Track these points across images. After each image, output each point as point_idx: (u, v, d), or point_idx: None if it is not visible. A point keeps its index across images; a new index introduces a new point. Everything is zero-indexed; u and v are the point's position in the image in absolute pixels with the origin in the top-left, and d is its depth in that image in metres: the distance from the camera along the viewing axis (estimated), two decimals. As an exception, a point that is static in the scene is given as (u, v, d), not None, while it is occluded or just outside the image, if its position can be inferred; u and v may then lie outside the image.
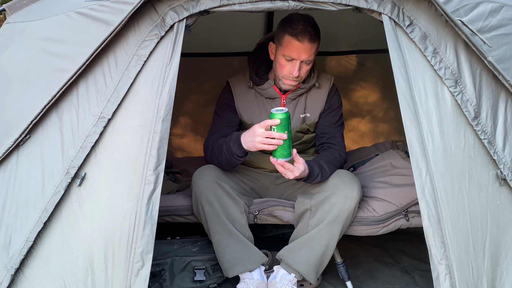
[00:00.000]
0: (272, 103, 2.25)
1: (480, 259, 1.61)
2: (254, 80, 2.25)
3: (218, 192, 2.06)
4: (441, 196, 1.58)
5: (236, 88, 2.30)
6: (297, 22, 2.06)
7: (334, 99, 2.31)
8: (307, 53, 2.06)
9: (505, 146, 1.66)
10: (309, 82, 2.23)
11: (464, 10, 1.66)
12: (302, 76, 2.15)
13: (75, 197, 1.63)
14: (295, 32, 2.04)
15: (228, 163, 2.09)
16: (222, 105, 2.31)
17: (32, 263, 1.64)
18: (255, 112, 2.26)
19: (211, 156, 2.16)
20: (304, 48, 2.05)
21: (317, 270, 2.10)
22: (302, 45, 2.04)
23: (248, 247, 2.10)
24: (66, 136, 1.65)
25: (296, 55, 2.07)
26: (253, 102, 2.27)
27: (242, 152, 2.01)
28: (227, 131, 2.20)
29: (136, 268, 1.58)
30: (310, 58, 2.09)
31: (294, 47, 2.06)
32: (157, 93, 1.62)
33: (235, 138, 2.01)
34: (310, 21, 2.07)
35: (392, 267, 2.52)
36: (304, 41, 2.04)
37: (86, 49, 1.61)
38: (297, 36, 2.04)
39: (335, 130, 2.29)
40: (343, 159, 2.24)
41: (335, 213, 2.02)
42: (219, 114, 2.31)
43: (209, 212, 2.07)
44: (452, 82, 1.63)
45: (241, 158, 2.04)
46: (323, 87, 2.29)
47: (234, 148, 2.00)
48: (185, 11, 1.65)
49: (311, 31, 2.05)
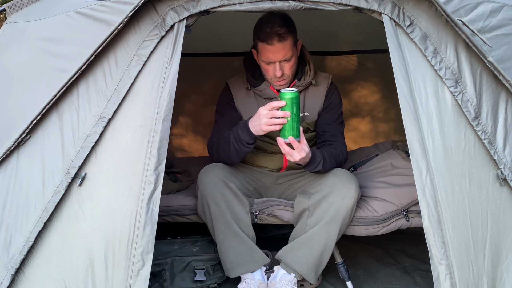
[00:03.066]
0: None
1: (480, 259, 1.61)
2: (251, 82, 2.27)
3: (224, 192, 2.06)
4: (441, 196, 1.58)
5: (235, 89, 2.32)
6: (264, 25, 2.07)
7: (334, 97, 2.31)
8: (281, 52, 2.07)
9: (505, 146, 1.66)
10: (305, 80, 2.23)
11: (465, 10, 1.66)
12: (287, 73, 2.15)
13: (75, 197, 1.63)
14: (264, 37, 2.06)
15: (237, 153, 2.10)
16: (223, 104, 2.32)
17: (33, 263, 1.64)
18: (255, 112, 2.26)
19: (217, 151, 2.16)
20: (276, 49, 2.06)
21: (316, 270, 2.09)
22: (273, 47, 2.06)
23: (251, 248, 2.10)
24: (67, 136, 1.65)
25: (272, 58, 2.09)
26: (252, 102, 2.28)
27: (251, 138, 2.03)
28: (231, 128, 2.20)
29: (137, 268, 1.58)
30: (287, 56, 2.09)
31: (268, 51, 2.08)
32: (158, 93, 1.62)
33: (243, 125, 2.03)
34: (277, 20, 2.06)
35: (393, 267, 2.52)
36: (273, 43, 2.05)
37: (87, 49, 1.61)
38: (266, 40, 2.06)
39: (335, 128, 2.29)
40: (344, 157, 2.24)
41: (332, 212, 2.02)
42: (222, 113, 2.32)
43: (215, 212, 2.06)
44: (452, 82, 1.63)
45: (250, 145, 2.06)
46: (321, 85, 2.29)
47: (243, 135, 2.02)
48: (186, 11, 1.65)
49: (279, 30, 2.04)
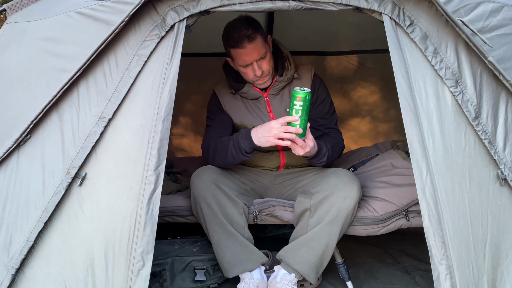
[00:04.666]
0: (257, 103, 2.29)
1: (480, 259, 1.61)
2: (234, 86, 2.29)
3: (216, 193, 2.07)
4: (441, 196, 1.58)
5: (222, 95, 2.35)
6: (231, 32, 2.11)
7: (320, 90, 2.33)
8: (255, 52, 2.10)
9: (505, 146, 1.66)
10: (287, 75, 2.25)
11: (465, 10, 1.66)
12: (266, 69, 2.17)
13: (75, 197, 1.63)
14: (234, 43, 2.10)
15: (234, 160, 2.12)
16: (213, 109, 2.36)
17: (33, 263, 1.64)
18: (245, 115, 2.30)
19: (213, 155, 2.18)
20: (249, 50, 2.09)
21: (317, 270, 2.09)
22: (246, 49, 2.09)
23: (247, 247, 2.10)
24: (67, 136, 1.65)
25: (248, 60, 2.11)
26: (239, 105, 2.31)
27: (251, 148, 2.05)
28: (224, 131, 2.26)
29: (137, 268, 1.58)
30: (261, 54, 2.11)
31: (242, 55, 2.11)
32: (158, 93, 1.62)
33: (244, 134, 2.05)
34: (241, 24, 2.10)
35: (393, 267, 2.52)
36: (245, 45, 2.08)
37: (87, 49, 1.61)
38: (237, 45, 2.09)
39: (329, 120, 2.32)
40: (342, 145, 2.29)
41: (334, 212, 2.02)
42: (212, 117, 2.35)
43: (207, 213, 2.07)
44: (452, 82, 1.63)
45: (249, 154, 2.08)
46: (304, 78, 2.30)
47: (243, 144, 2.04)
48: (186, 11, 1.65)
49: (246, 32, 2.07)
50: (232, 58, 2.18)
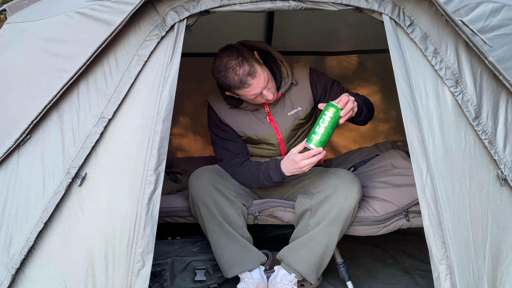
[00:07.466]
0: (258, 113, 2.25)
1: (480, 259, 1.61)
2: (232, 103, 2.23)
3: (213, 194, 2.07)
4: (441, 196, 1.58)
5: (219, 108, 2.28)
6: (227, 75, 2.01)
7: (322, 79, 2.28)
8: (261, 81, 2.03)
9: (505, 146, 1.66)
10: (286, 83, 2.21)
11: (465, 10, 1.66)
12: (273, 87, 2.12)
13: (75, 197, 1.63)
14: (238, 85, 2.02)
15: (264, 186, 2.18)
16: (212, 124, 2.30)
17: (33, 263, 1.64)
18: (246, 126, 2.26)
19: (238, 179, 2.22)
20: (255, 84, 2.03)
21: (317, 270, 2.10)
22: (252, 86, 2.02)
23: (246, 247, 2.10)
24: (67, 136, 1.65)
25: (258, 91, 2.05)
26: (239, 117, 2.26)
27: (282, 178, 2.11)
28: (237, 146, 2.25)
29: (137, 268, 1.58)
30: (266, 78, 2.05)
31: (250, 91, 2.04)
32: (158, 93, 1.62)
33: (275, 167, 2.08)
34: (233, 62, 2.00)
35: (393, 267, 2.52)
36: (250, 82, 2.01)
37: (87, 49, 1.61)
38: (243, 86, 2.02)
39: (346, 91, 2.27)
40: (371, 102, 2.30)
41: (335, 213, 2.02)
42: (215, 132, 2.29)
43: (205, 214, 2.08)
44: (452, 82, 1.63)
45: (280, 183, 2.15)
46: (302, 79, 2.26)
47: (275, 176, 2.09)
48: (186, 11, 1.65)
49: (246, 68, 1.99)
50: (238, 95, 2.12)
